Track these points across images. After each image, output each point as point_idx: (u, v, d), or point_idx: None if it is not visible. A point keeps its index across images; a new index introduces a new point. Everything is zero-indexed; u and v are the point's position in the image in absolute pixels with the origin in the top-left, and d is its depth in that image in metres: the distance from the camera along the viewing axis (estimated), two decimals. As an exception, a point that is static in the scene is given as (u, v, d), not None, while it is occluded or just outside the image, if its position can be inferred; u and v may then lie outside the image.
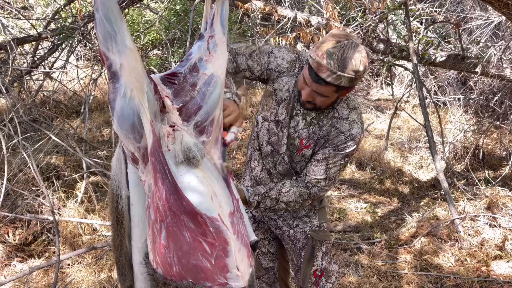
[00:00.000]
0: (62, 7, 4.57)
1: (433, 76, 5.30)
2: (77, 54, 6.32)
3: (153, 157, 1.11)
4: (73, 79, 5.08)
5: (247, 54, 1.61)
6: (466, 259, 2.84)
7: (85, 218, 2.98)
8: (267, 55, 1.62)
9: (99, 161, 3.31)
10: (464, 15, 4.66)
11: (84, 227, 2.93)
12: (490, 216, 3.24)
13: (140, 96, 1.08)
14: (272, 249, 1.88)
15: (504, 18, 3.74)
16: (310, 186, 1.61)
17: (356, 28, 3.72)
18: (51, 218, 2.70)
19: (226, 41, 1.36)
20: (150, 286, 1.28)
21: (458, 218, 3.13)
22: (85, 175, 3.24)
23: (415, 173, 4.51)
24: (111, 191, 1.31)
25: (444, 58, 3.59)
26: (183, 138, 1.21)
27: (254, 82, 6.15)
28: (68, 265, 2.65)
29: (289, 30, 4.01)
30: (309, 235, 1.74)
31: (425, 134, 3.78)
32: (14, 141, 2.63)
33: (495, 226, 3.14)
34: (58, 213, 2.96)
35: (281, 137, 1.64)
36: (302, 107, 1.60)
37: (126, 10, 5.12)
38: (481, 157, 4.36)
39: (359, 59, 1.42)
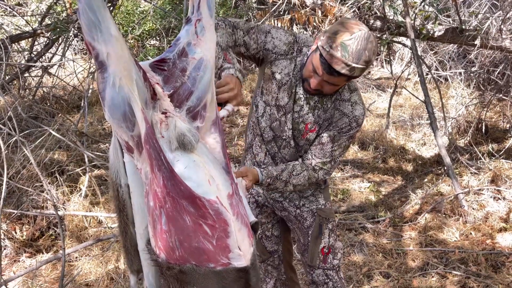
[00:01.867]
0: (55, 1, 4.54)
1: (433, 52, 5.24)
2: (74, 48, 6.30)
3: (147, 144, 1.11)
4: (71, 74, 5.07)
5: (244, 30, 1.57)
6: (470, 233, 2.85)
7: (90, 211, 3.00)
8: (264, 34, 1.59)
9: (101, 154, 3.33)
10: (462, -13, 4.57)
11: (90, 220, 2.96)
12: (494, 189, 3.23)
13: (129, 84, 1.07)
14: (276, 232, 1.89)
15: (502, -12, 3.68)
16: (317, 169, 1.64)
17: (352, 6, 3.67)
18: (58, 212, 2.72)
19: (214, 24, 1.34)
20: (154, 271, 1.31)
21: (462, 193, 3.12)
22: (87, 169, 3.25)
23: (418, 150, 4.50)
24: (111, 181, 1.32)
25: (442, 32, 3.54)
26: (176, 124, 1.21)
27: (253, 66, 6.11)
28: (76, 258, 2.69)
29: (285, 12, 3.96)
30: (316, 214, 1.76)
31: (426, 109, 3.75)
32: (13, 139, 2.64)
33: (499, 199, 3.13)
34: (63, 207, 2.99)
35: (283, 122, 1.63)
36: (306, 92, 1.59)
37: (120, 1, 5.08)
38: (484, 130, 4.33)
39: (371, 50, 1.42)
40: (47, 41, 4.57)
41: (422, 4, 3.72)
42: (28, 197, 3.06)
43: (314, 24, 3.79)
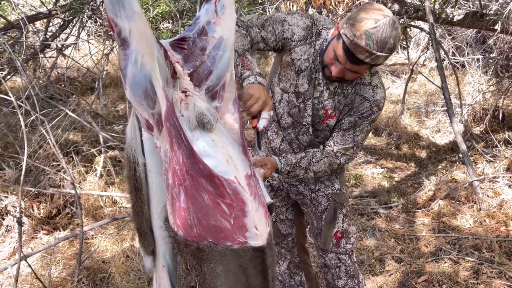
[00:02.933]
0: (70, -18, 4.53)
1: (451, 37, 5.14)
2: (88, 30, 6.31)
3: (167, 122, 1.12)
4: (85, 55, 5.09)
5: (259, 25, 1.54)
6: (484, 220, 2.83)
7: (105, 191, 3.05)
8: (280, 24, 1.55)
9: (116, 135, 3.36)
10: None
11: (105, 200, 3.00)
12: (510, 177, 3.19)
13: (151, 62, 1.08)
14: (290, 215, 1.90)
15: (525, -29, 3.57)
16: (339, 155, 1.62)
17: (370, -11, 3.60)
18: (73, 191, 2.77)
19: (234, 2, 1.33)
20: (171, 250, 1.32)
21: (477, 180, 3.09)
22: (102, 150, 3.29)
23: (433, 137, 4.45)
24: (127, 159, 1.32)
25: (462, 16, 3.46)
26: (195, 103, 1.21)
27: (267, 52, 6.06)
28: (92, 236, 2.74)
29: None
30: (331, 198, 1.75)
31: (443, 97, 3.70)
32: (32, 118, 2.68)
33: (515, 186, 3.10)
34: (79, 186, 3.04)
35: (302, 108, 1.61)
36: (326, 78, 1.56)
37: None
38: (501, 118, 4.27)
39: (396, 37, 1.38)
40: (62, 22, 4.58)
41: (442, -13, 3.64)
42: (46, 176, 3.12)
43: (330, 7, 3.74)
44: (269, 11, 4.82)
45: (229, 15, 1.31)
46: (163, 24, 6.71)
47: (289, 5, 3.89)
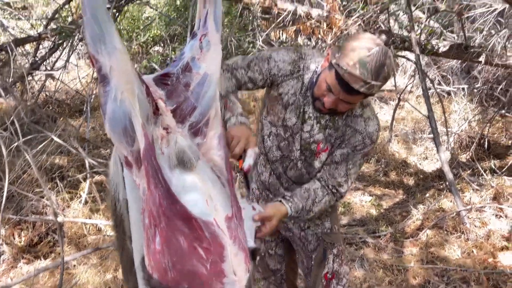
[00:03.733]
0: (61, 6, 4.56)
1: (437, 66, 5.23)
2: (78, 53, 6.32)
3: (145, 161, 1.09)
4: (75, 78, 5.08)
5: (245, 67, 1.53)
6: (472, 251, 2.82)
7: (90, 218, 2.99)
8: (266, 62, 1.54)
9: (102, 160, 3.31)
10: (466, 2, 4.58)
11: (89, 228, 2.94)
12: (496, 206, 3.20)
13: (131, 98, 1.06)
14: (280, 251, 1.86)
15: (507, 5, 3.68)
16: (334, 191, 1.57)
17: (358, 20, 3.67)
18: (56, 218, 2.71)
19: (220, 39, 1.33)
20: (150, 290, 1.28)
21: (464, 210, 3.09)
22: (88, 175, 3.24)
23: (420, 164, 4.48)
24: (110, 194, 1.30)
25: (447, 47, 3.53)
26: (177, 141, 1.20)
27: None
28: (74, 266, 2.67)
29: (290, 23, 3.96)
30: (320, 238, 1.71)
31: (429, 124, 3.73)
32: (15, 144, 2.63)
33: (501, 216, 3.11)
34: (62, 214, 2.97)
35: (291, 142, 1.58)
36: (317, 111, 1.53)
37: (126, 7, 5.10)
38: (486, 146, 4.31)
39: (390, 65, 1.37)
40: (52, 45, 4.58)
41: (427, 20, 3.72)
42: (28, 202, 3.05)
43: (319, 36, 3.79)
44: (259, 38, 4.88)
45: (214, 51, 1.31)
46: (154, 48, 6.76)
47: (279, 33, 3.94)
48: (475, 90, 4.74)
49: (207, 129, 1.29)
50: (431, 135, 4.27)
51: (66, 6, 4.55)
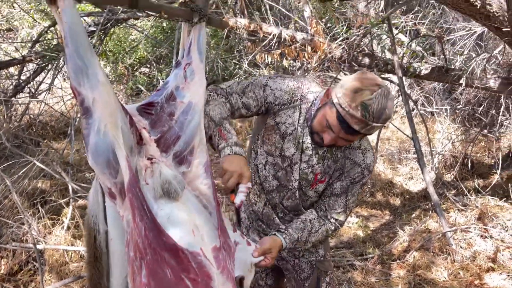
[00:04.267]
0: (47, 28, 4.55)
1: (420, 87, 5.34)
2: (63, 75, 6.28)
3: (130, 193, 1.08)
4: (60, 101, 5.03)
5: (239, 92, 1.50)
6: (459, 273, 2.82)
7: (72, 244, 2.91)
8: (262, 89, 1.51)
9: (85, 185, 3.26)
10: (447, 26, 4.72)
11: (71, 255, 2.86)
12: (481, 227, 3.23)
13: (114, 131, 1.06)
14: (269, 281, 1.83)
15: (486, 29, 3.79)
16: (333, 221, 1.58)
17: (341, 43, 3.74)
18: (36, 246, 2.63)
19: (206, 63, 1.33)
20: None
21: (449, 231, 3.11)
22: (71, 200, 3.17)
23: (406, 184, 4.51)
24: (87, 226, 1.26)
25: (428, 70, 3.61)
26: (161, 171, 1.19)
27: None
28: (55, 294, 2.58)
29: (275, 46, 4.01)
30: (314, 265, 1.70)
31: (414, 146, 3.78)
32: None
33: (486, 237, 3.13)
34: (43, 241, 2.89)
35: (289, 172, 1.55)
36: (315, 143, 1.51)
37: (112, 30, 5.11)
38: (470, 166, 4.37)
39: (391, 107, 1.36)
40: (36, 67, 4.55)
41: (409, 43, 3.81)
42: (8, 229, 2.97)
43: (304, 59, 3.84)
44: (245, 61, 4.94)
45: (198, 80, 1.31)
46: (140, 70, 6.77)
47: (265, 56, 3.98)
48: (457, 111, 4.84)
49: (192, 158, 1.29)
50: (416, 156, 4.32)
51: (51, 29, 4.54)
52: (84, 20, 4.21)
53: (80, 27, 1.00)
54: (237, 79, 5.04)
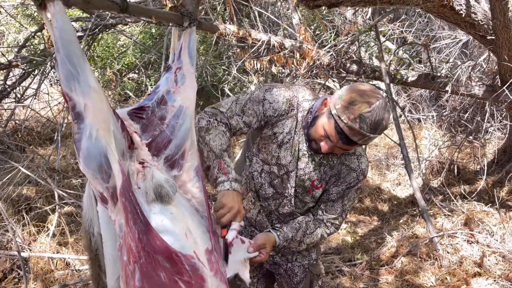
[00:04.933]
0: (34, 33, 4.50)
1: (407, 94, 5.41)
2: (50, 80, 6.22)
3: (123, 197, 1.07)
4: (46, 106, 4.97)
5: (239, 112, 1.50)
6: (446, 278, 2.85)
7: (58, 252, 2.86)
8: (261, 104, 1.51)
9: (72, 192, 3.22)
10: (433, 34, 4.80)
11: (57, 262, 2.81)
12: (468, 232, 3.27)
13: (107, 136, 1.05)
14: (261, 286, 1.83)
15: (471, 37, 3.87)
16: (329, 225, 1.61)
17: (330, 50, 3.78)
18: (21, 254, 2.59)
19: (195, 72, 1.33)
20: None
21: (436, 236, 3.14)
22: (57, 207, 3.13)
23: (393, 190, 4.55)
24: (84, 229, 1.27)
25: (415, 77, 3.67)
26: (153, 175, 1.18)
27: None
28: (40, 303, 2.54)
29: (264, 52, 4.04)
30: (307, 269, 1.72)
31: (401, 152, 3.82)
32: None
33: (472, 242, 3.17)
34: (28, 248, 2.84)
35: (286, 180, 1.57)
36: (312, 150, 1.53)
37: (100, 35, 5.08)
38: (456, 172, 4.44)
39: (388, 118, 1.39)
40: (22, 73, 4.49)
41: (396, 50, 3.87)
42: (-8, 236, 2.91)
43: (293, 65, 3.87)
44: (234, 67, 4.95)
45: (189, 84, 1.32)
46: (128, 75, 6.73)
47: (253, 62, 4.00)
48: (444, 118, 4.91)
49: (183, 161, 1.29)
50: (404, 162, 4.36)
51: (38, 34, 4.49)
52: (72, 25, 4.18)
53: (71, 33, 1.00)
54: (227, 85, 5.05)
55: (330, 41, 3.91)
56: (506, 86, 3.13)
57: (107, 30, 4.61)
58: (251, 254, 1.41)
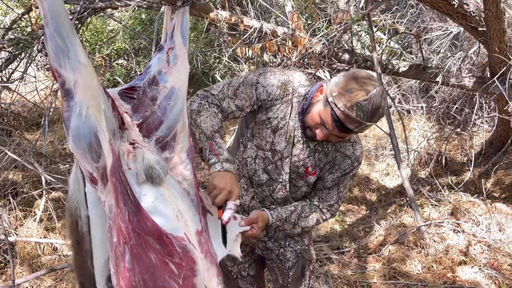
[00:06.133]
0: (20, 16, 4.40)
1: (397, 85, 5.43)
2: (37, 64, 6.10)
3: (113, 177, 1.06)
4: (33, 90, 4.88)
5: (231, 95, 1.48)
6: (432, 266, 2.89)
7: (45, 237, 2.83)
8: (254, 88, 1.49)
9: (59, 176, 3.18)
10: (424, 25, 4.81)
11: (44, 247, 2.78)
12: (454, 222, 3.31)
13: (97, 114, 1.03)
14: (252, 271, 1.83)
15: (462, 28, 3.89)
16: (325, 211, 1.61)
17: (322, 39, 3.76)
18: (7, 238, 2.55)
19: (187, 53, 1.31)
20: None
21: (424, 225, 3.18)
22: (44, 192, 3.09)
23: (382, 180, 4.58)
24: (69, 212, 1.24)
25: (406, 68, 3.68)
26: (144, 156, 1.17)
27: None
28: (27, 288, 2.51)
29: (256, 40, 4.00)
30: (299, 254, 1.71)
31: (391, 141, 3.85)
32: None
33: (458, 231, 3.22)
34: (15, 233, 2.80)
35: (280, 166, 1.56)
36: (307, 137, 1.52)
37: (89, 19, 4.98)
38: (444, 163, 4.48)
39: (385, 106, 1.38)
40: (9, 55, 4.39)
41: (388, 41, 3.87)
42: (-23, 221, 2.86)
43: (285, 53, 3.84)
44: (225, 54, 4.91)
45: (181, 65, 1.29)
46: (118, 61, 6.63)
47: (245, 49, 3.96)
48: (433, 109, 4.95)
49: (175, 143, 1.27)
50: (393, 152, 4.40)
51: (26, 16, 4.39)
52: None
53: (61, 5, 0.97)
54: (218, 73, 5.00)
55: (323, 29, 3.89)
56: (496, 77, 3.16)
57: (96, 13, 4.53)
58: (242, 227, 1.40)
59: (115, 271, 1.12)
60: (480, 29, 3.06)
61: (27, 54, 4.36)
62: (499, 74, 3.14)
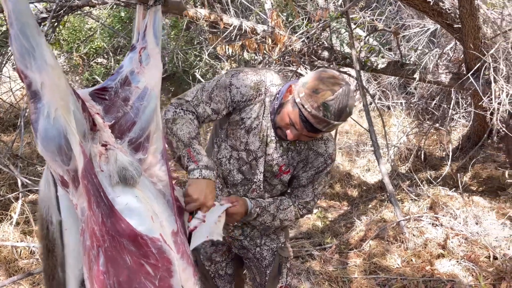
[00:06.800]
0: (-6, 14, 4.29)
1: (377, 82, 5.49)
2: (13, 63, 5.96)
3: (85, 179, 1.04)
4: (9, 91, 4.77)
5: (206, 100, 1.48)
6: (411, 260, 2.93)
7: (22, 241, 2.78)
8: (228, 90, 1.49)
9: (36, 179, 3.12)
10: (402, 22, 4.87)
11: (21, 251, 2.73)
12: (433, 216, 3.37)
13: (66, 115, 1.01)
14: (229, 270, 1.83)
15: (439, 26, 3.95)
16: (301, 208, 1.63)
17: (301, 36, 3.77)
18: (-18, 243, 2.49)
19: (160, 52, 1.30)
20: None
21: (403, 220, 3.23)
22: (20, 194, 3.03)
23: (363, 176, 4.64)
24: (40, 217, 1.21)
25: (385, 65, 3.72)
26: (117, 157, 1.15)
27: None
28: (3, 293, 2.46)
29: (237, 38, 3.99)
30: (276, 252, 1.72)
31: (371, 138, 3.89)
32: None
33: (437, 225, 3.27)
34: (-10, 237, 2.74)
35: (254, 165, 1.57)
36: (278, 137, 1.53)
37: (66, 17, 4.89)
38: (423, 158, 4.56)
39: (352, 105, 1.39)
40: (-17, 56, 4.28)
41: (367, 38, 3.90)
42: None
43: (264, 51, 3.84)
44: (206, 52, 4.88)
45: (154, 65, 1.28)
46: (96, 60, 6.53)
47: (225, 48, 3.95)
48: (412, 105, 5.02)
49: (148, 144, 1.26)
50: (373, 148, 4.45)
51: (0, 15, 4.28)
52: (35, 6, 4.01)
53: (25, 5, 0.94)
54: (198, 71, 4.98)
55: (302, 27, 3.90)
56: (470, 73, 3.22)
57: (73, 12, 4.44)
58: (224, 206, 1.40)
59: (88, 275, 1.10)
60: (455, 26, 3.11)
61: (2, 54, 4.26)
62: (473, 70, 3.20)
